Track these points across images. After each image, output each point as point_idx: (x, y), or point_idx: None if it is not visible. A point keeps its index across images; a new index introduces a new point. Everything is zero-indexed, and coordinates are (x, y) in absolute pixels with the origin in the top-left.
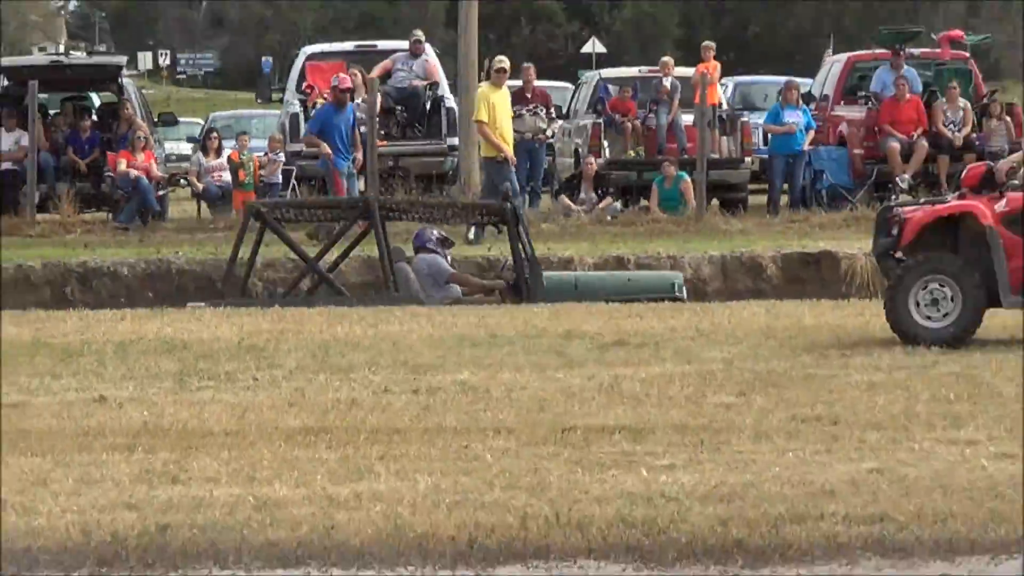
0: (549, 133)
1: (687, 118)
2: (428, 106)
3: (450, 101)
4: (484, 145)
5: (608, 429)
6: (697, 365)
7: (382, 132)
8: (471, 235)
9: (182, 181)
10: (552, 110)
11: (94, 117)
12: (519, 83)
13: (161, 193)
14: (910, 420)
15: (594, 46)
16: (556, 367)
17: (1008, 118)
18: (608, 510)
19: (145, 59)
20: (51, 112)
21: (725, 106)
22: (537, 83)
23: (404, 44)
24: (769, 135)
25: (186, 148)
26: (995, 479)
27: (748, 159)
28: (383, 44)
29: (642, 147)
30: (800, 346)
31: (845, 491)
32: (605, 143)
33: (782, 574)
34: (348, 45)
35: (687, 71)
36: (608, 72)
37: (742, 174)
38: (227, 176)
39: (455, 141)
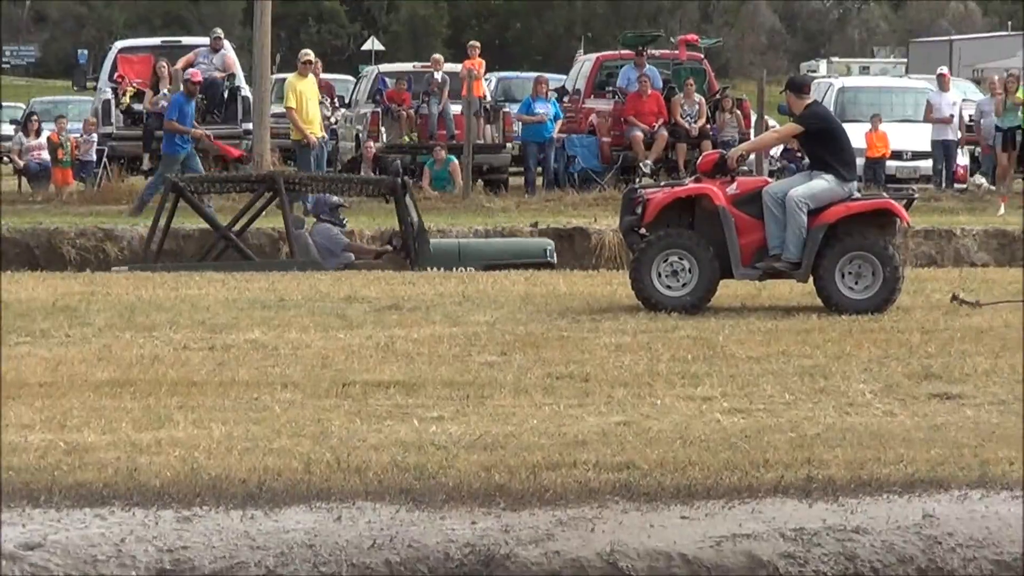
0: (333, 120)
1: (455, 108)
2: (226, 95)
3: (246, 91)
4: (293, 130)
5: (384, 384)
6: (463, 327)
7: None
8: None
9: (5, 159)
10: (336, 100)
11: None
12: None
13: None
14: (653, 378)
15: (373, 44)
16: (338, 328)
17: (738, 111)
18: (384, 456)
19: None
20: None
21: (489, 98)
22: (323, 76)
23: (206, 40)
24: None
25: (9, 129)
26: (728, 431)
27: (509, 145)
28: (187, 40)
29: (415, 133)
30: (555, 311)
31: (596, 441)
32: (383, 129)
33: (539, 515)
34: (156, 40)
35: (455, 67)
36: (385, 67)
37: (503, 158)
38: (46, 155)
39: (249, 126)
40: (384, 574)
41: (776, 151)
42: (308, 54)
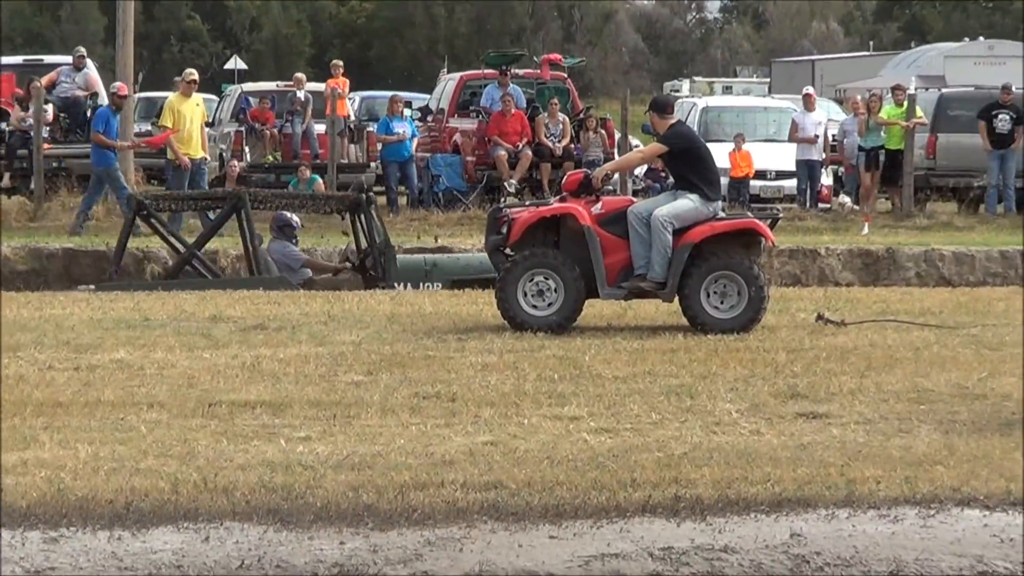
0: None
1: (319, 127)
2: (89, 113)
3: None
4: (169, 149)
5: (250, 404)
6: (330, 347)
7: (48, 136)
8: None
9: None
10: None
11: None
12: (170, 94)
13: None
14: (520, 398)
15: (236, 63)
16: (203, 347)
17: (602, 131)
18: (251, 476)
19: None
20: None
21: (353, 117)
22: None
23: (68, 59)
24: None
25: None
26: (595, 451)
27: (373, 164)
28: (49, 58)
29: (279, 152)
30: (421, 330)
31: (463, 461)
32: (247, 148)
33: (407, 536)
34: (17, 59)
35: (319, 86)
36: (249, 86)
37: (368, 178)
38: None
39: None
40: None
41: (640, 171)
42: (192, 73)
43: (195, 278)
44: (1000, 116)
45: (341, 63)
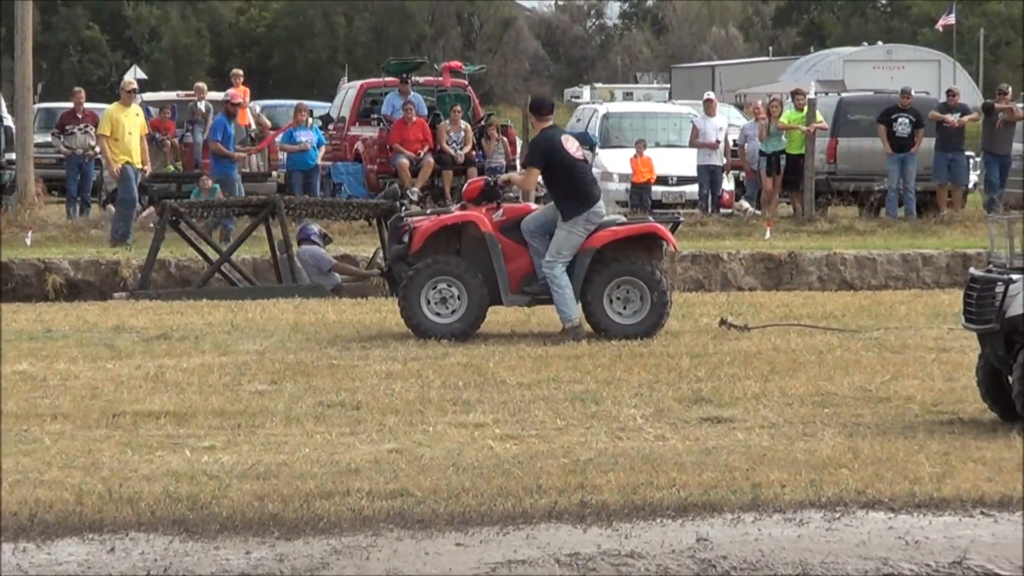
0: (97, 149)
1: None
2: None
3: (8, 120)
4: (103, 158)
5: (154, 414)
6: (233, 356)
7: None
8: None
9: None
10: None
11: None
12: (71, 105)
13: None
14: (425, 405)
15: (135, 73)
16: (107, 358)
17: (504, 138)
18: (156, 487)
19: None
20: None
21: (255, 126)
22: (87, 105)
23: None
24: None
25: None
26: (501, 458)
27: (274, 173)
28: None
29: (180, 162)
30: (325, 339)
31: (368, 469)
32: (147, 158)
33: (314, 544)
34: None
35: (219, 95)
36: (149, 96)
37: (270, 187)
38: None
39: (12, 156)
40: None
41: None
42: (131, 83)
43: (227, 286)
44: (899, 120)
45: (241, 72)
